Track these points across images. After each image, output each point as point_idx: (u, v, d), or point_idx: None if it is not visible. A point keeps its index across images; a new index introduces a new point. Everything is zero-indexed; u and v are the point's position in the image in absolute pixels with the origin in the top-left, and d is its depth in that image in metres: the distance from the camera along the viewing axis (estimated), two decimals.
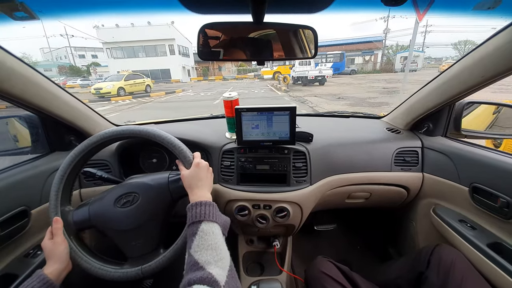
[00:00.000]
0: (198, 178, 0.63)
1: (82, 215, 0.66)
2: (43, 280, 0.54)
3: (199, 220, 0.53)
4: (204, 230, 0.52)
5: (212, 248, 0.49)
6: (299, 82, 15.20)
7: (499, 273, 0.70)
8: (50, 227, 0.63)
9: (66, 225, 0.64)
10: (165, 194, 0.69)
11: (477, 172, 0.85)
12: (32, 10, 0.59)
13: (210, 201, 0.59)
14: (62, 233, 0.62)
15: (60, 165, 0.67)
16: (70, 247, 0.62)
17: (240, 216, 1.00)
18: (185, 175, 0.64)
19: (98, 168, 0.94)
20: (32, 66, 0.75)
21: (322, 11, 0.56)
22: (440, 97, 0.93)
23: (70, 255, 0.62)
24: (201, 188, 0.62)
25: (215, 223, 0.55)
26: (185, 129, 1.19)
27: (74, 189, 0.72)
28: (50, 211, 0.64)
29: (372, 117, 1.44)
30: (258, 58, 0.75)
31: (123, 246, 0.67)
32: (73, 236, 0.65)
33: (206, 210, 0.56)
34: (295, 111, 0.90)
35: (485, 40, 0.70)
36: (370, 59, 31.62)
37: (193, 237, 0.51)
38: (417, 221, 1.17)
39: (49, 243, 0.60)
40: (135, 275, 0.62)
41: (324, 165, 1.02)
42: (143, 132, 0.68)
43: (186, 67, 30.70)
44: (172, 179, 0.70)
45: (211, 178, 0.68)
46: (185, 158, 0.67)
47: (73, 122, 0.96)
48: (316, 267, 0.81)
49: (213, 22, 0.64)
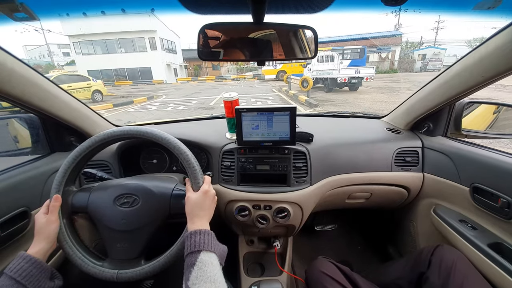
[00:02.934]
0: (202, 208, 0.63)
1: (81, 200, 0.67)
2: (31, 260, 0.52)
3: (198, 249, 0.53)
4: (203, 261, 0.51)
5: (211, 280, 0.48)
6: (319, 85, 11.65)
7: (500, 273, 0.69)
8: (48, 200, 0.63)
9: (63, 205, 0.64)
10: (164, 206, 0.68)
11: (478, 172, 0.85)
12: (32, 10, 0.59)
13: (208, 230, 0.58)
14: (58, 212, 0.62)
15: (76, 149, 0.67)
16: (60, 227, 0.62)
17: (241, 216, 1.00)
18: (190, 199, 0.63)
19: (99, 168, 0.94)
20: (33, 67, 0.75)
21: (322, 11, 0.56)
22: (440, 97, 0.93)
23: (57, 236, 0.61)
24: (201, 218, 0.62)
25: (213, 253, 0.54)
26: (185, 130, 1.19)
27: (74, 189, 0.72)
28: (53, 187, 0.65)
29: (372, 117, 1.44)
30: (258, 59, 0.75)
31: (108, 244, 0.67)
32: (66, 218, 0.65)
33: (205, 239, 0.55)
34: (295, 111, 0.90)
35: (485, 40, 0.70)
36: (387, 57, 26.05)
37: (191, 268, 0.50)
38: (417, 221, 1.17)
39: (43, 218, 0.60)
40: (110, 277, 0.62)
41: (324, 166, 1.02)
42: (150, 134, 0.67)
43: (171, 65, 26.14)
44: (175, 194, 0.70)
45: (213, 208, 0.68)
46: (195, 179, 0.66)
47: (73, 123, 0.96)
48: (316, 268, 0.80)
49: (213, 22, 0.64)
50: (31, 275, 0.50)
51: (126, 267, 0.63)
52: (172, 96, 12.42)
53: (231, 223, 1.12)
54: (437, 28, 31.56)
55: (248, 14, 0.57)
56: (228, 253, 0.61)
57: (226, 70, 33.86)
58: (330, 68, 11.13)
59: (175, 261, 0.63)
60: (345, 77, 10.00)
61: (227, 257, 0.61)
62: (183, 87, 18.29)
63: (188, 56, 31.79)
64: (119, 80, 23.65)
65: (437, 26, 31.30)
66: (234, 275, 1.21)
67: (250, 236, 1.31)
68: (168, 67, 25.06)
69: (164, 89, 17.03)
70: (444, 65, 21.78)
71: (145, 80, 23.81)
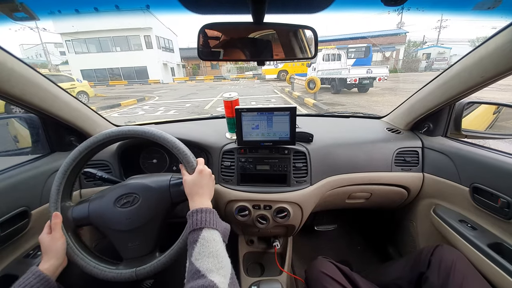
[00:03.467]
0: (200, 186, 0.63)
1: (81, 211, 0.67)
2: (39, 276, 0.53)
3: (200, 227, 0.53)
4: (205, 238, 0.52)
5: (213, 255, 0.49)
6: (324, 85, 10.44)
7: (500, 273, 0.69)
8: (49, 221, 0.63)
9: (65, 221, 0.64)
10: (166, 197, 0.69)
11: (478, 172, 0.85)
12: (32, 10, 0.59)
13: (210, 208, 0.59)
14: (61, 229, 0.62)
15: (64, 161, 0.67)
16: (67, 243, 0.62)
17: (241, 216, 1.00)
18: (187, 181, 0.64)
19: (99, 168, 0.94)
20: (33, 67, 0.75)
21: (322, 11, 0.56)
22: (440, 97, 0.93)
23: (66, 251, 0.62)
24: (201, 195, 0.62)
25: (215, 230, 0.54)
26: (185, 130, 1.19)
27: (74, 190, 0.72)
28: (51, 206, 0.64)
29: (372, 117, 1.44)
30: (258, 59, 0.75)
31: (119, 246, 0.67)
32: (71, 232, 0.65)
33: (206, 217, 0.55)
34: (295, 111, 0.90)
35: (485, 40, 0.70)
36: (391, 56, 25.30)
37: (194, 245, 0.51)
38: (417, 221, 1.17)
39: (47, 238, 0.60)
40: (129, 276, 0.62)
41: (324, 166, 1.02)
42: (148, 134, 0.68)
43: (168, 65, 25.10)
44: (173, 183, 0.70)
45: (212, 186, 0.68)
46: (188, 163, 0.67)
47: (73, 123, 0.96)
48: (316, 268, 0.80)
49: (213, 22, 0.64)
50: None
51: (143, 263, 0.63)
52: (165, 97, 11.52)
53: (231, 223, 1.12)
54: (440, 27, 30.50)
55: (248, 14, 0.57)
56: (228, 253, 0.61)
57: (225, 69, 32.57)
58: (337, 67, 10.25)
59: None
60: (355, 77, 8.85)
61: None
62: (180, 87, 17.48)
63: (186, 55, 31.16)
64: (114, 80, 22.87)
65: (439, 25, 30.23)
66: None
67: (250, 236, 1.31)
68: (164, 66, 24.03)
69: (160, 89, 16.25)
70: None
71: (140, 80, 22.66)
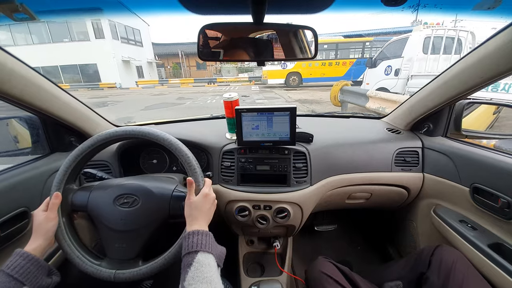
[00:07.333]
0: (201, 210, 0.63)
1: (81, 198, 0.67)
2: (28, 257, 0.51)
3: (195, 250, 0.52)
4: (200, 262, 0.50)
5: (207, 281, 0.47)
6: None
7: (500, 273, 0.69)
8: (48, 198, 0.63)
9: (63, 203, 0.65)
10: (164, 208, 0.68)
11: (478, 172, 0.85)
12: (32, 11, 0.59)
13: (206, 231, 0.58)
14: (57, 210, 0.62)
15: (80, 146, 0.68)
16: (59, 225, 0.62)
17: (241, 216, 1.00)
18: (189, 203, 0.63)
19: (99, 168, 0.94)
20: (33, 68, 0.75)
21: (322, 11, 0.56)
22: (441, 97, 0.93)
23: (56, 234, 0.61)
24: (200, 220, 0.62)
25: (211, 254, 0.54)
26: (185, 130, 1.19)
27: (75, 187, 0.72)
28: (54, 185, 0.65)
29: (372, 117, 1.44)
30: (258, 59, 0.76)
31: (106, 242, 0.67)
32: (65, 217, 0.65)
33: (202, 240, 0.55)
34: (295, 112, 0.90)
35: (485, 40, 0.70)
36: None
37: (187, 269, 0.49)
38: (417, 221, 1.17)
39: (42, 215, 0.59)
40: (107, 276, 0.62)
41: (324, 166, 1.02)
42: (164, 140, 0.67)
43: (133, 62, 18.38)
44: (175, 195, 0.69)
45: (213, 211, 0.67)
46: (196, 181, 0.66)
47: (73, 123, 0.96)
48: (316, 268, 0.80)
49: (213, 22, 0.64)
50: (28, 272, 0.50)
51: (124, 267, 0.63)
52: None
53: (231, 223, 1.12)
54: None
55: (248, 14, 0.57)
56: (228, 253, 0.61)
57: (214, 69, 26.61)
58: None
59: (173, 263, 0.63)
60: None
61: (227, 257, 0.61)
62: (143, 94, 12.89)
63: (164, 51, 24.84)
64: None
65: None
66: (234, 275, 1.21)
67: (250, 236, 1.31)
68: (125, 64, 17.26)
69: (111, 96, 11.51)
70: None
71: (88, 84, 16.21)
